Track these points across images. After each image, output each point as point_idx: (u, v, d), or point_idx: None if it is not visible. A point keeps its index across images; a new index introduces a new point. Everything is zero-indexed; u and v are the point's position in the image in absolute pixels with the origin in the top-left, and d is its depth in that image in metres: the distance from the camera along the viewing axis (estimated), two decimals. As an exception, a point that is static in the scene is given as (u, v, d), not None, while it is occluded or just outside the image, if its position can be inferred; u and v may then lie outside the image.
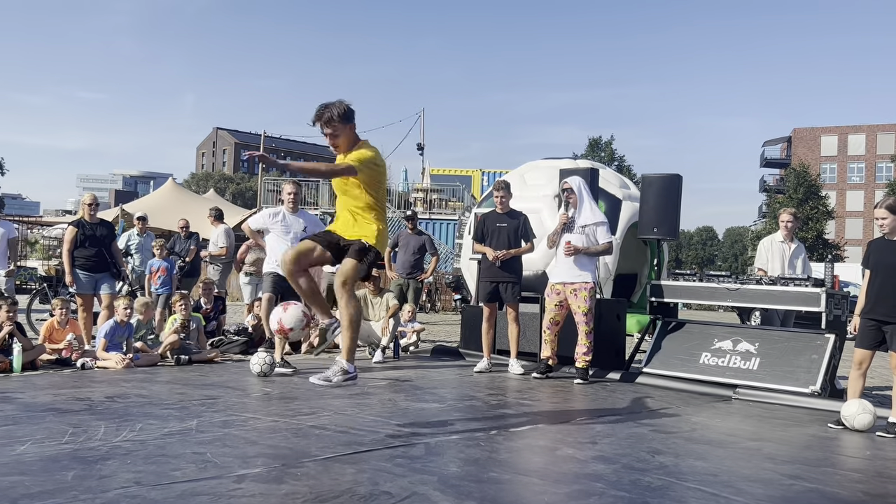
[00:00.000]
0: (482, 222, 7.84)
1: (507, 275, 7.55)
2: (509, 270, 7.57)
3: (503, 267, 7.54)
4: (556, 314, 7.18)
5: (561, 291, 7.13)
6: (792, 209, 8.34)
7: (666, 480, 3.58)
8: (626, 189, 13.02)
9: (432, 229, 25.99)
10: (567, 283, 7.08)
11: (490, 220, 7.78)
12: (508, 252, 7.52)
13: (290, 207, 7.42)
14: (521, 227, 7.64)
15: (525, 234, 7.66)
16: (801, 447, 4.67)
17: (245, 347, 8.52)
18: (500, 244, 7.59)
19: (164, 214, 19.37)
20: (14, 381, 5.99)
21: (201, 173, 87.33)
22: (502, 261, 7.50)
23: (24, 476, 3.20)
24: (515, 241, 7.60)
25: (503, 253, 7.51)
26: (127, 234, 11.07)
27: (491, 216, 7.82)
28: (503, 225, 7.65)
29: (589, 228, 7.07)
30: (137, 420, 4.50)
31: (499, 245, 7.59)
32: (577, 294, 7.02)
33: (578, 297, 7.01)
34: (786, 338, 6.80)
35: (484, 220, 7.86)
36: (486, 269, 7.72)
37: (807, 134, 67.91)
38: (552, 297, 7.18)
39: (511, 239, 7.59)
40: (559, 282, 7.14)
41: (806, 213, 46.67)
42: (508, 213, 7.74)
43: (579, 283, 7.03)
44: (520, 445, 4.33)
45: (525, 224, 7.68)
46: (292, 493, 3.10)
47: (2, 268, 8.48)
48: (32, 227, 29.87)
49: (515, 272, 7.62)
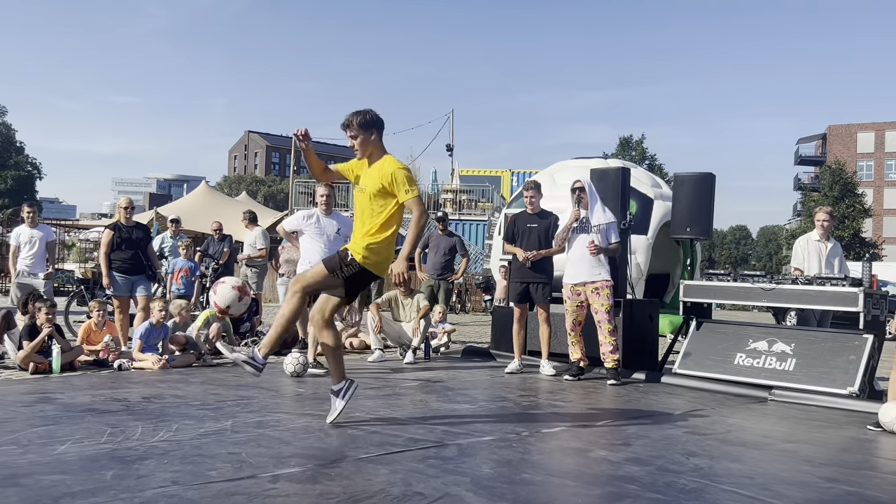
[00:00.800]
0: (513, 223, 7.83)
1: (537, 275, 7.53)
2: (539, 271, 7.55)
3: (533, 268, 7.53)
4: (579, 314, 7.16)
5: (581, 292, 7.10)
6: (828, 207, 8.21)
7: (701, 483, 3.55)
8: (658, 188, 12.92)
9: (462, 230, 25.99)
10: (588, 283, 7.05)
11: (521, 220, 7.77)
12: (539, 253, 7.50)
13: (324, 209, 7.46)
14: (552, 227, 7.61)
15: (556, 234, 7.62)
16: (839, 449, 4.59)
17: (279, 348, 8.59)
18: (530, 244, 7.58)
19: (198, 217, 19.60)
20: (54, 382, 6.11)
21: (233, 176, 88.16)
22: (532, 262, 7.49)
23: (64, 475, 3.26)
24: (546, 241, 7.57)
25: (533, 254, 7.49)
26: (161, 236, 11.23)
27: (521, 216, 7.81)
28: (534, 225, 7.63)
29: (603, 227, 7.07)
30: (174, 420, 4.56)
31: (529, 245, 7.57)
32: (599, 293, 6.99)
33: (601, 295, 6.99)
34: (822, 338, 6.69)
35: (514, 220, 7.85)
36: (517, 270, 7.71)
37: (842, 131, 66.77)
38: (573, 298, 7.15)
39: (541, 239, 7.57)
40: (579, 282, 7.11)
41: (842, 212, 45.91)
42: (539, 214, 7.72)
43: (600, 281, 7.00)
44: (552, 447, 4.32)
45: (555, 224, 7.65)
46: (326, 493, 3.12)
47: (41, 271, 8.64)
48: (69, 230, 30.41)
49: (546, 273, 7.59)
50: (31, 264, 8.62)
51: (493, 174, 32.68)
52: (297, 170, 40.86)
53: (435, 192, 30.97)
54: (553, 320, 7.85)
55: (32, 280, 8.53)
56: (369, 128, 4.64)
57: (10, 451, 3.66)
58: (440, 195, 30.01)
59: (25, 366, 6.58)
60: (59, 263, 23.71)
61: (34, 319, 6.86)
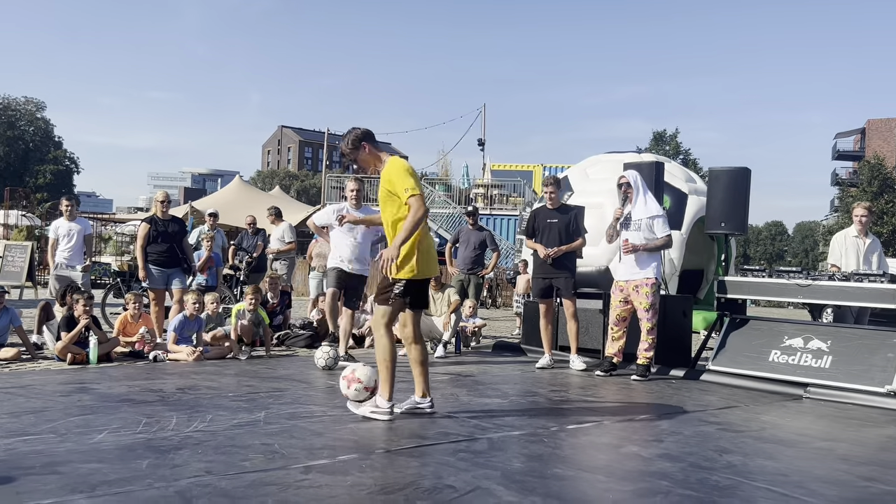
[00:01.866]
0: (533, 218, 7.83)
1: (559, 271, 7.51)
2: (561, 267, 7.53)
3: (555, 263, 7.50)
4: (622, 311, 7.09)
5: (624, 288, 7.05)
6: (866, 203, 8.06)
7: (734, 480, 3.51)
8: (692, 183, 12.76)
9: (493, 225, 25.95)
10: (630, 280, 7.00)
11: (541, 215, 7.75)
12: (560, 249, 7.48)
13: (353, 203, 7.49)
14: (573, 222, 7.58)
15: (577, 229, 7.60)
16: (876, 448, 4.51)
17: (310, 341, 8.67)
18: (551, 240, 7.55)
19: (232, 211, 19.79)
20: (91, 373, 6.22)
21: (267, 171, 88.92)
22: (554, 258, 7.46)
23: (101, 464, 3.32)
24: (567, 236, 7.54)
25: (554, 251, 7.47)
26: (198, 229, 11.35)
27: (542, 212, 7.79)
28: (554, 220, 7.60)
29: (645, 223, 6.96)
30: (208, 411, 4.62)
31: (550, 240, 7.55)
32: (639, 290, 6.93)
33: (640, 293, 6.92)
34: (860, 335, 6.57)
35: (535, 216, 7.84)
36: (539, 266, 7.71)
37: (882, 125, 65.37)
38: (616, 293, 7.11)
39: (562, 234, 7.54)
40: (622, 279, 7.07)
41: (881, 207, 45.00)
42: (559, 209, 7.69)
43: (640, 279, 6.93)
44: (583, 442, 4.30)
45: (577, 219, 7.62)
46: (358, 485, 3.14)
47: (78, 263, 8.79)
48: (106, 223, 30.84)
49: (568, 268, 7.57)
50: (68, 257, 8.76)
51: (524, 169, 32.59)
52: (329, 164, 41.07)
53: (466, 186, 30.94)
54: (583, 316, 7.81)
55: (70, 272, 8.68)
56: (357, 146, 4.84)
57: (48, 440, 3.74)
58: (471, 190, 29.98)
59: (63, 356, 6.70)
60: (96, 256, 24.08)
61: (72, 311, 6.99)
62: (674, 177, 12.23)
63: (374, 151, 4.86)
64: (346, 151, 4.90)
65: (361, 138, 4.84)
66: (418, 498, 3.01)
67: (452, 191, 30.27)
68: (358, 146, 4.85)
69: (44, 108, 65.39)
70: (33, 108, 64.59)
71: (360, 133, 4.86)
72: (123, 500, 2.84)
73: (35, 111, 64.67)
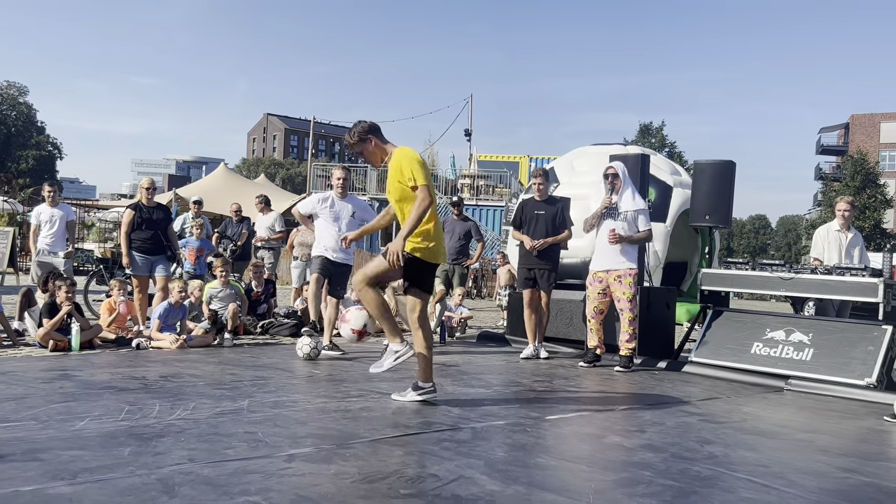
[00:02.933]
0: (520, 209, 7.89)
1: (542, 262, 7.58)
2: (545, 258, 7.59)
3: (540, 254, 7.56)
4: (600, 303, 7.11)
5: (604, 279, 7.05)
6: (849, 197, 8.13)
7: (715, 470, 3.54)
8: (678, 176, 12.82)
9: (479, 215, 25.96)
10: (611, 271, 7.01)
11: (528, 207, 7.80)
12: (546, 241, 7.53)
13: (339, 193, 7.47)
14: (559, 214, 7.64)
15: (563, 221, 7.67)
16: (855, 440, 4.57)
17: (295, 330, 8.64)
18: (538, 231, 7.60)
19: (216, 199, 19.67)
20: (73, 360, 6.18)
21: (252, 158, 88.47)
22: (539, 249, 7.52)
23: (83, 451, 3.30)
24: (553, 228, 7.60)
25: (540, 243, 7.52)
26: (182, 217, 11.28)
27: (530, 203, 7.83)
28: (541, 212, 7.65)
29: (630, 215, 6.98)
30: (191, 399, 4.61)
31: (537, 232, 7.60)
32: (622, 281, 6.95)
33: (623, 283, 6.94)
34: (841, 328, 6.64)
35: (522, 207, 7.89)
36: (524, 256, 7.78)
37: (865, 120, 65.85)
38: (595, 285, 7.11)
39: (549, 226, 7.59)
40: (602, 269, 7.06)
41: (863, 202, 45.44)
42: (546, 201, 7.73)
43: (623, 269, 6.95)
44: (566, 432, 4.32)
45: (563, 211, 7.68)
46: (341, 473, 3.14)
47: (60, 249, 8.71)
48: (89, 210, 30.63)
49: (552, 260, 7.64)
50: (51, 243, 8.69)
51: (511, 160, 32.55)
52: (314, 153, 40.93)
53: (453, 177, 30.91)
54: (569, 307, 7.85)
55: (52, 258, 8.61)
56: (364, 139, 4.85)
57: (30, 427, 3.71)
58: (458, 180, 29.96)
59: (45, 343, 6.66)
60: (79, 243, 23.93)
61: (54, 297, 6.94)
62: (659, 169, 12.28)
63: (381, 144, 4.89)
64: (352, 143, 4.89)
65: (368, 131, 4.85)
66: (402, 486, 3.01)
67: (439, 181, 30.21)
68: (365, 139, 4.85)
69: (26, 93, 64.75)
70: (15, 93, 63.91)
71: (366, 126, 4.87)
72: (105, 487, 2.83)
73: (17, 96, 63.99)
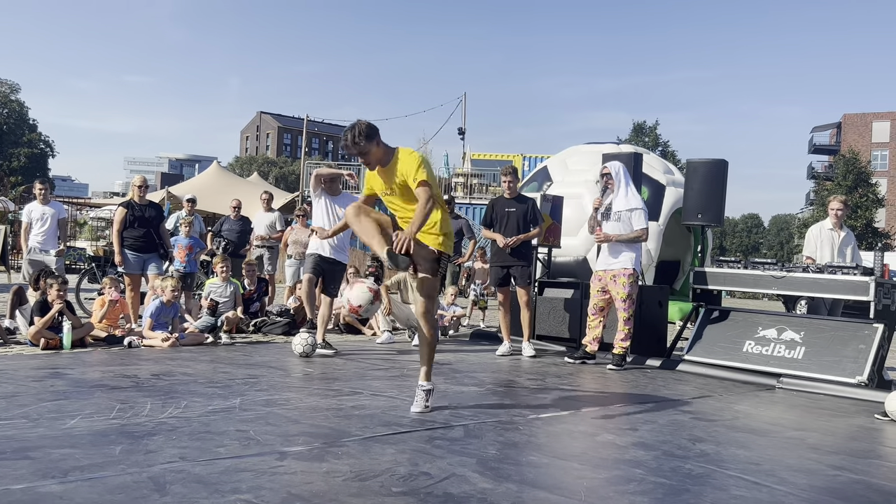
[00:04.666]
0: (490, 208, 7.97)
1: (516, 260, 7.63)
2: (518, 255, 7.64)
3: (513, 252, 7.61)
4: (600, 300, 7.15)
5: (602, 278, 7.10)
6: (842, 196, 8.15)
7: (707, 468, 3.55)
8: (670, 174, 12.86)
9: (473, 214, 25.94)
10: (608, 270, 7.05)
11: (499, 205, 7.86)
12: (518, 238, 7.59)
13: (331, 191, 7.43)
14: (530, 211, 7.72)
15: (534, 218, 7.73)
16: (846, 438, 4.58)
17: (287, 328, 8.63)
18: (509, 229, 7.65)
19: (209, 197, 19.64)
20: (64, 358, 6.16)
21: (245, 157, 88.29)
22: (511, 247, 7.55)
23: (74, 449, 3.29)
24: (524, 225, 7.66)
25: (513, 240, 7.57)
26: (175, 215, 11.24)
27: (500, 202, 7.90)
28: (512, 209, 7.71)
29: (624, 214, 7.00)
30: (182, 397, 4.59)
31: (508, 230, 7.65)
32: (616, 280, 6.98)
33: (617, 283, 6.97)
34: (832, 327, 6.66)
35: (493, 205, 7.97)
36: (496, 255, 7.84)
37: (857, 120, 66.11)
38: (595, 283, 7.18)
39: (520, 224, 7.65)
40: (601, 269, 7.14)
41: (855, 201, 45.59)
42: (517, 199, 7.80)
43: (618, 268, 6.99)
44: (559, 430, 4.32)
45: (533, 209, 7.76)
46: (333, 472, 3.14)
47: (52, 248, 8.68)
48: (81, 208, 30.55)
49: (525, 257, 7.71)
50: (42, 241, 8.65)
51: (505, 158, 32.54)
52: (308, 151, 40.84)
53: (447, 175, 30.92)
54: (560, 305, 7.88)
55: (44, 257, 8.57)
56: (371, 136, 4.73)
57: (20, 425, 3.70)
58: (451, 179, 29.97)
59: (36, 341, 6.63)
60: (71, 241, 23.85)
61: (45, 296, 6.91)
62: (652, 168, 12.32)
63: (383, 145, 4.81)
64: (351, 146, 4.74)
65: (370, 132, 4.74)
66: (394, 485, 3.01)
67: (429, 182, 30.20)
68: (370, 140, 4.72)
69: (18, 91, 64.37)
70: (7, 91, 63.53)
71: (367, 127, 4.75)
72: (96, 485, 2.82)
73: (9, 93, 63.63)
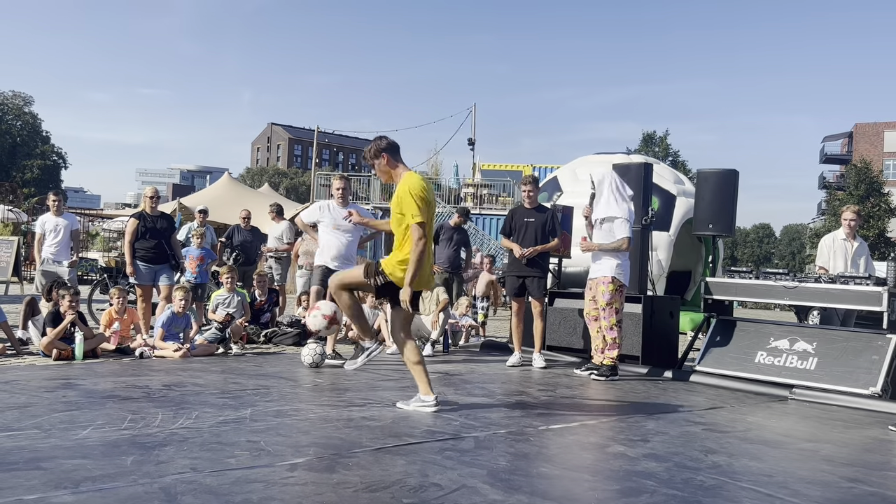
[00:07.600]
0: (510, 217, 7.91)
1: (532, 270, 7.57)
2: (535, 266, 7.59)
3: (529, 262, 7.56)
4: (591, 309, 7.12)
5: (591, 286, 7.10)
6: (855, 206, 8.11)
7: (719, 480, 3.52)
8: (681, 185, 12.82)
9: (483, 225, 25.95)
10: (593, 278, 7.06)
11: (518, 214, 7.81)
12: (535, 249, 7.53)
13: (339, 202, 7.47)
14: (549, 221, 7.65)
15: (553, 229, 7.66)
16: (860, 450, 4.54)
17: (298, 339, 8.64)
18: (527, 239, 7.61)
19: (220, 208, 19.69)
20: (76, 369, 6.18)
21: (256, 168, 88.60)
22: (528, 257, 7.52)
23: (86, 459, 3.30)
24: (543, 236, 7.60)
25: (530, 251, 7.52)
26: (187, 226, 11.29)
27: (519, 211, 7.86)
28: (531, 220, 7.66)
29: (606, 224, 6.98)
30: (194, 408, 4.60)
31: (526, 240, 7.61)
32: (597, 288, 6.97)
33: (598, 290, 6.96)
34: (845, 337, 6.62)
35: (512, 214, 7.91)
36: (513, 264, 7.79)
37: (869, 129, 65.77)
38: (587, 292, 7.18)
39: (538, 234, 7.60)
40: (590, 277, 7.14)
41: (867, 211, 45.29)
42: (536, 208, 7.75)
43: (599, 276, 6.98)
44: (570, 441, 4.31)
45: (553, 219, 7.69)
46: (343, 483, 3.14)
47: (65, 259, 8.73)
48: (93, 219, 30.69)
49: (541, 268, 7.66)
50: (55, 252, 8.72)
51: (514, 169, 32.57)
52: (318, 162, 41.00)
53: (456, 186, 30.95)
54: (572, 315, 7.86)
55: (57, 268, 8.63)
56: (378, 156, 5.03)
57: (33, 436, 3.71)
58: (461, 189, 29.98)
59: (49, 352, 6.66)
60: (83, 252, 23.97)
61: (58, 307, 6.94)
62: (663, 178, 12.28)
63: (394, 163, 5.05)
64: (369, 159, 5.09)
65: (386, 149, 5.02)
66: (404, 496, 3.00)
67: (442, 190, 30.24)
68: (379, 156, 5.02)
69: (31, 103, 64.97)
70: (21, 103, 64.13)
71: (384, 144, 5.05)
72: (107, 496, 2.83)
73: (23, 105, 64.21)
